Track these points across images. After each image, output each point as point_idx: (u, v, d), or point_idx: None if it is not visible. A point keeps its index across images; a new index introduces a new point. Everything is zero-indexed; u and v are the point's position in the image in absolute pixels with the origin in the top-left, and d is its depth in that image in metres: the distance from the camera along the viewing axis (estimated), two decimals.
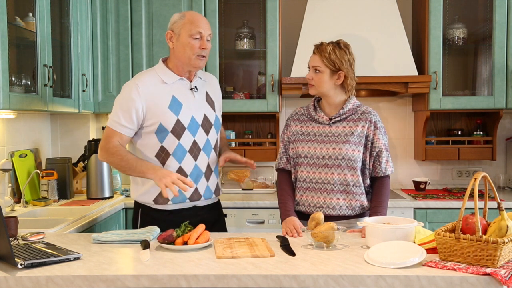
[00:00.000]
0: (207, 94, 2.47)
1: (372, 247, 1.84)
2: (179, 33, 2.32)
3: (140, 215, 2.43)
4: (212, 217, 2.50)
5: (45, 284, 1.66)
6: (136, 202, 2.47)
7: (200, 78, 2.47)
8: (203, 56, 2.34)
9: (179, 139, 2.32)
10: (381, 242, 1.87)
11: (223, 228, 2.58)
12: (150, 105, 2.29)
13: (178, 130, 2.31)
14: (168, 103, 2.32)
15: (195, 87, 2.42)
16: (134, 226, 2.46)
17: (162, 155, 2.33)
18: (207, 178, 2.43)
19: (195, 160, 2.37)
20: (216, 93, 2.55)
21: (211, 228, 2.41)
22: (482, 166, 3.97)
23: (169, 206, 2.37)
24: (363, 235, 2.13)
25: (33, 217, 2.84)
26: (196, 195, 2.39)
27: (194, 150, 2.36)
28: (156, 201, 2.36)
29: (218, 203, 2.58)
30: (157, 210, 2.38)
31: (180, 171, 2.33)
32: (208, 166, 2.43)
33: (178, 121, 2.31)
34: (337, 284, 1.64)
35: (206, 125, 2.41)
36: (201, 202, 2.44)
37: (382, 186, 2.36)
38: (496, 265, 1.64)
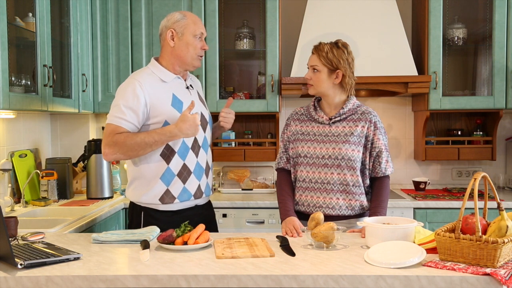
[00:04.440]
0: (198, 93, 2.55)
1: (372, 247, 1.84)
2: (183, 33, 2.36)
3: (143, 218, 2.40)
4: (209, 216, 2.58)
5: (45, 284, 1.66)
6: (136, 205, 2.43)
7: (190, 78, 2.54)
8: (201, 56, 2.42)
9: None
10: (381, 242, 1.87)
11: (216, 226, 2.63)
12: (153, 102, 2.31)
13: None
14: (170, 101, 2.34)
15: (190, 85, 2.48)
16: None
17: (167, 153, 2.34)
18: (207, 175, 2.48)
19: (197, 157, 2.40)
20: (202, 93, 2.65)
21: (208, 226, 2.47)
22: (482, 166, 3.97)
23: (175, 206, 2.39)
24: (363, 235, 2.13)
25: (33, 217, 2.84)
26: (199, 192, 2.43)
27: (195, 147, 2.40)
28: (162, 200, 2.36)
29: (210, 201, 2.63)
30: (161, 212, 2.38)
31: (184, 168, 2.37)
32: (207, 163, 2.48)
33: None
34: (337, 284, 1.64)
35: (203, 123, 2.45)
36: (201, 201, 2.48)
37: (382, 186, 2.36)
38: (496, 265, 1.64)
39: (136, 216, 2.43)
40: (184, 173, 2.37)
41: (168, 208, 2.38)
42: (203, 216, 2.49)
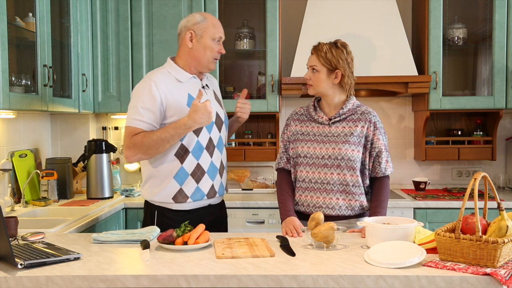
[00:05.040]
0: (214, 92, 2.54)
1: (372, 247, 1.84)
2: (202, 35, 2.37)
3: (157, 217, 2.42)
4: (222, 216, 2.59)
5: (45, 284, 1.66)
6: (150, 204, 2.45)
7: (207, 78, 2.54)
8: (217, 59, 2.43)
9: (197, 136, 2.36)
10: (381, 242, 1.87)
11: (226, 227, 2.64)
12: (169, 102, 2.32)
13: (198, 128, 2.33)
14: (185, 101, 2.35)
15: (206, 85, 2.48)
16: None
17: (182, 153, 2.35)
18: (221, 175, 2.49)
19: (211, 157, 2.41)
20: (219, 92, 2.63)
21: (219, 226, 2.52)
22: (482, 166, 3.96)
23: (187, 205, 2.39)
24: (363, 235, 2.13)
25: (33, 217, 2.84)
26: (212, 191, 2.43)
27: (210, 147, 2.41)
28: (175, 199, 2.37)
29: (223, 201, 2.63)
30: (175, 211, 2.39)
31: (198, 168, 2.37)
32: (221, 162, 2.49)
33: None
34: (337, 284, 1.64)
35: (219, 123, 2.46)
36: (215, 200, 2.49)
37: (382, 186, 2.36)
38: (496, 265, 1.64)
39: (150, 214, 2.45)
40: (198, 173, 2.38)
41: (181, 208, 2.39)
42: (216, 216, 2.51)
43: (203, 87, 2.45)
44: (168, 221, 2.36)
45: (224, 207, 2.63)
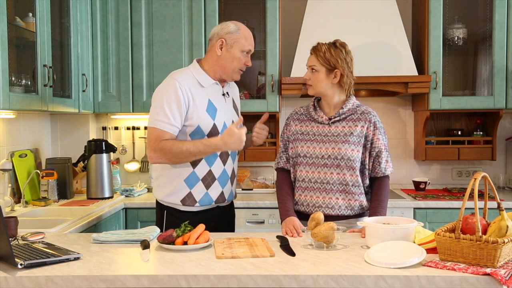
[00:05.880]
0: (233, 100, 2.55)
1: (372, 247, 1.84)
2: (232, 45, 2.37)
3: (166, 217, 2.44)
4: (230, 216, 2.61)
5: (45, 284, 1.66)
6: (160, 204, 2.48)
7: (228, 85, 2.55)
8: (242, 71, 2.44)
9: None
10: (381, 242, 1.87)
11: (233, 227, 2.66)
12: (190, 105, 2.32)
13: (213, 134, 2.35)
14: (205, 106, 2.36)
15: (227, 93, 2.49)
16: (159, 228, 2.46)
17: None
18: (232, 182, 2.50)
19: (224, 164, 2.42)
20: (238, 101, 2.64)
21: (227, 226, 2.54)
22: (482, 166, 3.97)
23: (196, 208, 2.41)
24: (363, 235, 2.13)
25: (33, 217, 2.84)
26: (221, 198, 2.45)
27: (224, 155, 2.42)
28: (183, 202, 2.39)
29: (232, 201, 2.65)
30: (184, 212, 2.41)
31: (209, 174, 2.39)
32: (233, 170, 2.50)
33: (214, 126, 2.36)
34: (337, 284, 1.64)
35: None
36: (223, 203, 2.51)
37: (382, 186, 2.36)
38: (496, 265, 1.64)
39: (160, 214, 2.48)
40: (208, 179, 2.39)
41: (189, 209, 2.41)
42: (225, 216, 2.53)
43: (223, 95, 2.46)
44: (177, 220, 2.36)
45: (232, 208, 2.64)
